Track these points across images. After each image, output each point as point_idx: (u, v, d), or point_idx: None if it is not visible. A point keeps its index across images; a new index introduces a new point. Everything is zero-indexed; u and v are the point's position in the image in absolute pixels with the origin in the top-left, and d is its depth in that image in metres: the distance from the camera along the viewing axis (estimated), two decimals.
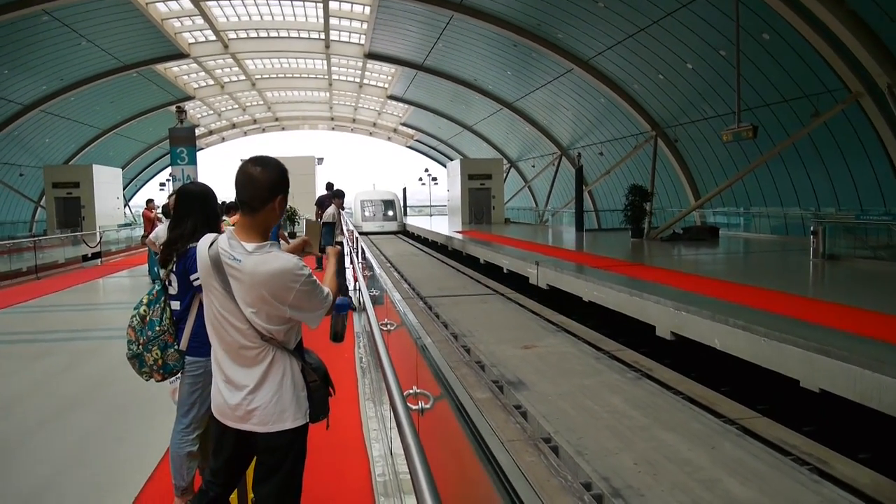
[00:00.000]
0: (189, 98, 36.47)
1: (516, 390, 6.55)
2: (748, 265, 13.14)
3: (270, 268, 2.53)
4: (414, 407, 2.62)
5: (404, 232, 33.64)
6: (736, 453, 4.79)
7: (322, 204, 13.94)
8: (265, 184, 2.59)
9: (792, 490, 4.18)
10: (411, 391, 2.73)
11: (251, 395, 2.61)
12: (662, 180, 24.21)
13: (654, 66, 19.88)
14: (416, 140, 54.01)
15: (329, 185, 14.73)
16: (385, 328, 4.01)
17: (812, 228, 12.95)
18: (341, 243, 10.77)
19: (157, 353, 3.43)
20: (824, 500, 4.02)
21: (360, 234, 21.28)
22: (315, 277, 2.63)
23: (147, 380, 3.55)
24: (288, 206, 9.98)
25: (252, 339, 2.59)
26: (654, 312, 8.72)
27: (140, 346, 3.44)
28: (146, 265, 14.32)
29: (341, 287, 2.85)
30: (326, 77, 39.25)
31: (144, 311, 3.47)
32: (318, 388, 2.78)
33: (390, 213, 35.38)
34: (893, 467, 5.06)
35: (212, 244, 2.68)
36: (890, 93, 13.13)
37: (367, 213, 34.96)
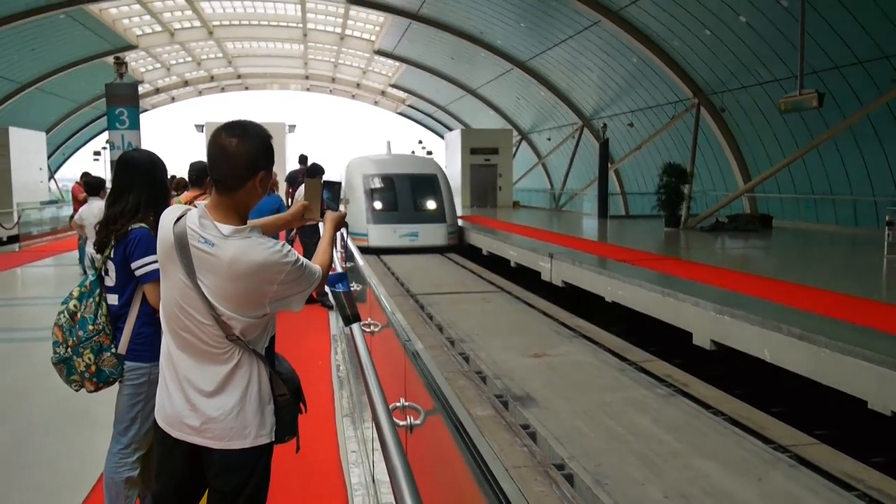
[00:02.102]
0: (131, 47, 36.16)
1: (524, 407, 6.60)
2: (808, 261, 13.19)
3: (252, 259, 2.49)
4: (401, 423, 2.63)
5: (460, 245, 21.27)
6: (788, 486, 4.84)
7: (294, 181, 13.79)
8: (243, 158, 2.55)
9: None
10: (398, 404, 2.75)
11: (209, 401, 2.61)
12: (705, 158, 24.23)
13: (699, 18, 19.84)
14: (409, 105, 53.98)
15: (302, 158, 14.56)
16: (368, 330, 4.03)
17: (888, 218, 12.99)
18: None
19: (89, 358, 3.40)
20: None
21: (367, 251, 18.35)
22: (302, 259, 2.61)
23: (77, 390, 3.52)
24: None
25: (216, 338, 2.57)
26: (692, 316, 8.75)
27: (69, 349, 3.40)
28: (76, 252, 14.25)
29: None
30: (300, 26, 39.10)
31: (75, 306, 3.44)
32: (288, 404, 2.75)
33: (431, 203, 21.77)
34: None
35: (178, 219, 2.63)
36: None
37: (379, 205, 21.45)
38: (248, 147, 2.56)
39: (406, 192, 21.62)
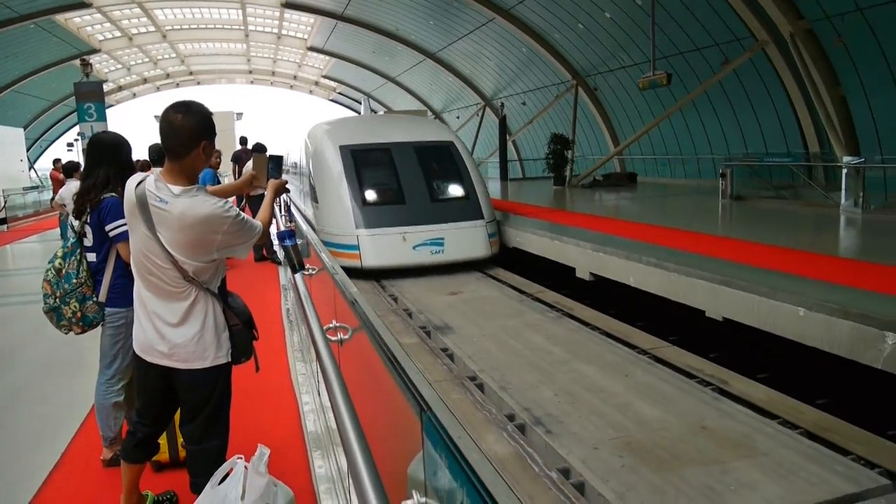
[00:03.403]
0: (94, 51, 34.24)
1: (443, 334, 6.72)
2: (662, 208, 13.69)
3: (198, 212, 2.56)
4: (333, 339, 2.72)
5: (507, 258, 10.83)
6: (647, 379, 5.12)
7: (239, 159, 13.39)
8: (186, 130, 2.59)
9: (695, 407, 4.52)
10: (331, 325, 2.83)
11: (174, 331, 2.66)
12: (583, 129, 24.64)
13: (574, 15, 20.02)
14: (339, 93, 52.80)
15: (243, 140, 14.18)
16: (308, 273, 4.07)
17: (720, 171, 13.56)
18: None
19: (75, 306, 3.39)
20: (722, 414, 4.38)
21: (360, 273, 9.30)
22: (243, 214, 2.67)
23: (66, 333, 3.52)
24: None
25: (175, 279, 2.63)
26: (574, 255, 9.04)
27: (57, 300, 3.39)
28: (58, 230, 13.75)
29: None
30: (242, 28, 37.67)
31: (60, 263, 3.42)
32: (240, 331, 2.84)
33: (456, 188, 10.68)
34: (784, 382, 5.53)
35: (139, 184, 2.68)
36: (792, 41, 13.71)
37: (373, 197, 10.16)
38: (191, 121, 2.60)
39: (413, 172, 10.35)
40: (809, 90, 14.05)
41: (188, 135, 2.59)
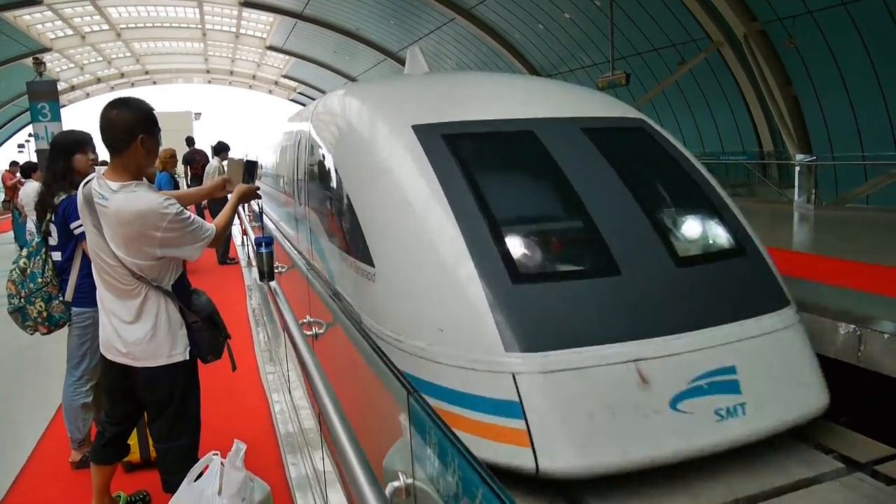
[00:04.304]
0: (46, 50, 33.26)
1: None
2: None
3: (134, 207, 2.51)
4: (308, 333, 2.74)
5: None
6: None
7: (192, 161, 12.82)
8: (122, 125, 2.58)
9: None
10: (305, 320, 2.84)
11: (128, 329, 2.66)
12: None
13: (534, 15, 20.25)
14: (299, 93, 52.36)
15: (190, 140, 13.65)
16: (277, 271, 4.07)
17: None
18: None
19: (40, 306, 3.34)
20: None
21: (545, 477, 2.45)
22: (188, 213, 2.62)
23: (32, 333, 3.46)
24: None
25: (123, 276, 2.61)
26: None
27: (21, 300, 3.34)
28: (10, 233, 13.32)
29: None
30: (199, 27, 37.09)
31: (24, 263, 3.36)
32: (202, 329, 2.80)
33: (712, 228, 3.44)
34: None
35: (87, 182, 2.69)
36: (746, 42, 14.12)
37: (532, 256, 2.88)
38: (127, 116, 2.59)
39: (606, 186, 3.25)
40: (763, 90, 14.49)
41: (124, 129, 2.58)
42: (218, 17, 35.15)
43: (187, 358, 2.75)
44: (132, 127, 2.59)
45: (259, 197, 3.67)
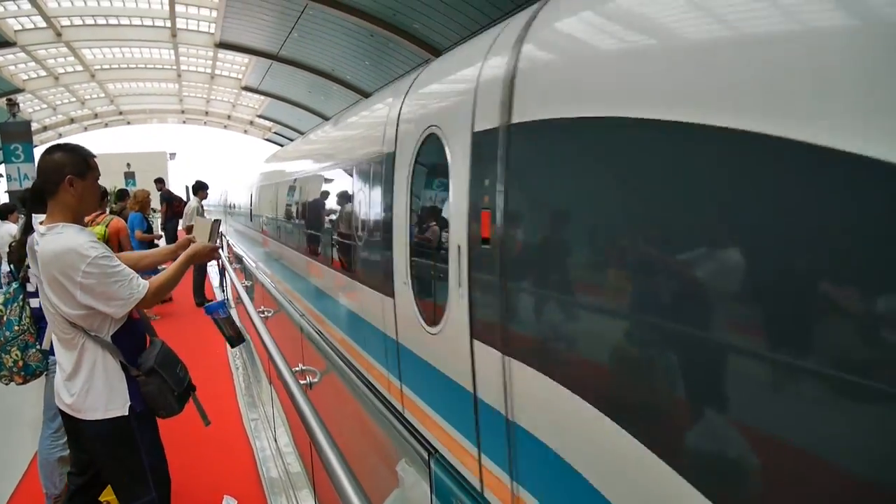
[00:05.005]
0: (18, 91, 33.10)
1: None
2: None
3: (54, 247, 2.42)
4: (302, 382, 2.65)
5: None
6: None
7: (171, 199, 12.65)
8: (51, 167, 2.55)
9: None
10: (297, 368, 2.76)
11: (68, 382, 2.59)
12: None
13: None
14: (275, 132, 52.45)
15: (159, 180, 13.58)
16: (262, 314, 3.98)
17: None
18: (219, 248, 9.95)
19: (16, 355, 3.21)
20: None
21: None
22: (116, 261, 2.49)
23: (6, 384, 3.31)
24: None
25: (61, 325, 2.54)
26: None
27: None
28: None
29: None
30: (174, 68, 37.12)
31: (0, 310, 3.24)
32: (148, 384, 2.65)
33: None
34: None
35: (32, 231, 2.67)
36: None
37: None
38: (56, 158, 2.56)
39: None
40: None
41: (53, 170, 2.55)
42: (193, 57, 35.25)
43: (125, 413, 2.60)
44: (60, 168, 2.55)
45: (218, 257, 3.67)
